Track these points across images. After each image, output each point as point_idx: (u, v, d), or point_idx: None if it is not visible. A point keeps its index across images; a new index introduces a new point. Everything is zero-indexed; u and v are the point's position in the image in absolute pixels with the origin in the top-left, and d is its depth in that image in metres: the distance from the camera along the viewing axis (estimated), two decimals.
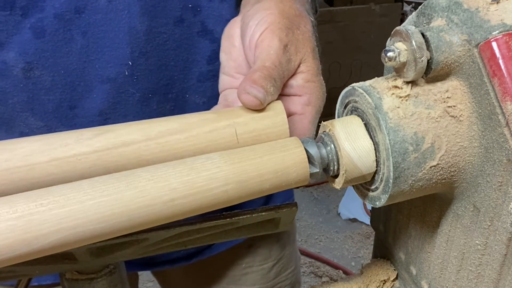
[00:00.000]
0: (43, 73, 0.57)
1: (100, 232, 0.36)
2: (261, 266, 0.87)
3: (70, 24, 0.56)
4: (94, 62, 0.58)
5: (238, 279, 0.87)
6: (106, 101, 0.60)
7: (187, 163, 0.39)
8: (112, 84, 0.59)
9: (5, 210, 0.33)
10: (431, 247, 0.46)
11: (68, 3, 0.55)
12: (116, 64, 0.59)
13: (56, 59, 0.57)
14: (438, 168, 0.38)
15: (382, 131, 0.38)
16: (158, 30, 0.60)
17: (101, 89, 0.59)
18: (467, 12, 0.37)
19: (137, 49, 0.59)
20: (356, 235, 2.21)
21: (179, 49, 0.62)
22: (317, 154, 0.40)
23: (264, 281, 0.89)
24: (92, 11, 0.56)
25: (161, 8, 0.59)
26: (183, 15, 0.61)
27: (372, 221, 0.56)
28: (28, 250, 0.34)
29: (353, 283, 0.56)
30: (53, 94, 0.58)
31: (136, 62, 0.59)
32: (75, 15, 0.56)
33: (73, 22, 0.56)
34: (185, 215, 0.38)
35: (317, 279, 2.04)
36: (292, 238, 0.93)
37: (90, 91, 0.59)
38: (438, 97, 0.38)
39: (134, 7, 0.57)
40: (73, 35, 0.57)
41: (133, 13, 0.57)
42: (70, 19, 0.56)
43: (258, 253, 0.85)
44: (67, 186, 0.36)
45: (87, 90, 0.59)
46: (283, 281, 0.91)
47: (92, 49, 0.58)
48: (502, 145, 0.35)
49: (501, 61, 0.35)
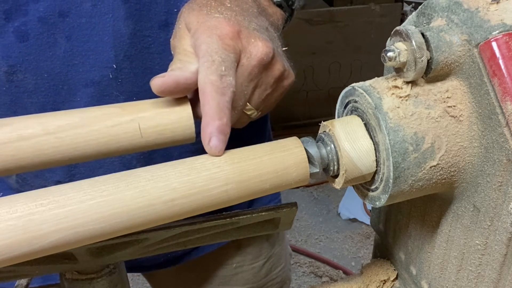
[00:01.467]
0: (26, 76, 0.57)
1: (100, 232, 0.36)
2: (252, 265, 0.87)
3: (54, 28, 0.56)
4: (78, 66, 0.58)
5: (229, 279, 0.87)
6: (90, 104, 0.59)
7: (187, 163, 0.39)
8: (96, 88, 0.59)
9: (5, 210, 0.33)
10: (431, 247, 0.46)
11: (52, 7, 0.55)
12: (100, 68, 0.59)
13: (39, 62, 0.57)
14: (438, 168, 0.38)
15: (382, 131, 0.38)
16: (143, 34, 0.60)
17: (85, 93, 0.59)
18: (467, 12, 0.37)
19: (121, 52, 0.59)
20: (356, 235, 2.21)
21: (164, 53, 0.62)
22: (317, 154, 0.40)
23: (255, 280, 0.89)
24: (76, 15, 0.56)
25: (146, 12, 0.59)
26: (168, 19, 0.60)
27: (372, 221, 0.56)
28: (28, 250, 0.34)
29: (353, 283, 0.56)
30: (36, 97, 0.58)
31: (120, 65, 0.59)
32: (59, 19, 0.56)
33: (57, 26, 0.56)
34: (185, 215, 0.38)
35: (317, 279, 2.04)
36: (282, 235, 0.94)
37: (74, 95, 0.59)
38: (438, 97, 0.38)
39: (119, 10, 0.57)
40: (57, 39, 0.56)
41: (118, 17, 0.57)
42: (54, 23, 0.56)
43: (248, 252, 0.86)
44: (67, 186, 0.36)
45: (70, 93, 0.59)
46: (274, 278, 0.92)
47: (76, 53, 0.58)
48: (502, 145, 0.35)
49: (501, 61, 0.35)
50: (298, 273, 2.07)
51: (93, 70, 0.59)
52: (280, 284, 0.94)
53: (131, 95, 0.62)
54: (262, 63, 0.47)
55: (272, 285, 0.92)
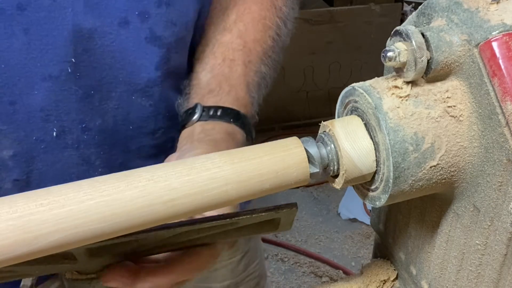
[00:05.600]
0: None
1: (100, 232, 0.36)
2: (230, 260, 0.88)
3: (11, 20, 0.56)
4: (36, 60, 0.58)
5: (207, 276, 0.87)
6: (47, 98, 0.60)
7: (187, 163, 0.39)
8: (54, 82, 0.59)
9: (5, 210, 0.33)
10: (431, 247, 0.46)
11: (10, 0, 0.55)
12: (59, 62, 0.59)
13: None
14: (438, 168, 0.38)
15: (382, 131, 0.38)
16: (104, 30, 0.60)
17: (43, 86, 0.59)
18: (467, 12, 0.37)
19: (80, 46, 0.59)
20: (356, 235, 2.21)
21: (125, 51, 0.62)
22: (317, 154, 0.40)
23: (234, 275, 0.89)
24: (35, 8, 0.56)
25: (104, 7, 0.59)
26: (128, 17, 0.61)
27: (372, 221, 0.56)
28: (28, 250, 0.34)
29: (353, 283, 0.56)
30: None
31: (79, 58, 0.59)
32: (17, 11, 0.55)
33: (14, 18, 0.56)
34: (185, 215, 0.38)
35: (317, 279, 2.04)
36: None
37: (31, 88, 0.59)
38: (438, 97, 0.38)
39: (78, 4, 0.57)
40: (14, 31, 0.56)
41: (78, 11, 0.57)
42: (11, 15, 0.55)
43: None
44: (67, 186, 0.36)
45: (28, 86, 0.59)
46: (252, 273, 0.93)
47: (34, 47, 0.57)
48: (502, 145, 0.35)
49: (501, 61, 0.35)
50: (298, 273, 2.07)
51: (51, 64, 0.58)
52: (257, 279, 0.95)
53: (89, 89, 0.62)
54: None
55: (250, 280, 0.93)
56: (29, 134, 0.61)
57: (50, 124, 0.61)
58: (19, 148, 0.61)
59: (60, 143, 0.63)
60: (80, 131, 0.63)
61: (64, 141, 0.63)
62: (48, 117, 0.61)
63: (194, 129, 0.62)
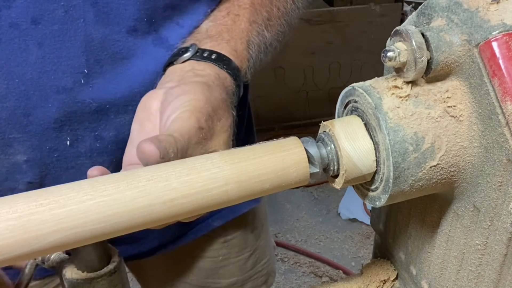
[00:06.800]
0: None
1: (100, 232, 0.36)
2: (238, 258, 0.88)
3: (26, 35, 0.56)
4: (50, 73, 0.58)
5: (215, 272, 0.87)
6: (61, 110, 0.60)
7: (187, 163, 0.39)
8: (67, 94, 0.59)
9: (5, 210, 0.33)
10: (431, 247, 0.46)
11: (24, 14, 0.55)
12: (72, 73, 0.59)
13: (10, 67, 0.57)
14: (438, 168, 0.38)
15: (382, 131, 0.38)
16: (113, 38, 0.60)
17: (57, 99, 0.59)
18: (467, 12, 0.37)
19: (92, 57, 0.59)
20: (356, 235, 2.21)
21: (133, 58, 0.62)
22: (317, 154, 0.40)
23: (242, 272, 0.90)
24: (48, 22, 0.56)
25: (113, 16, 0.59)
26: (137, 25, 0.60)
27: (372, 221, 0.56)
28: (28, 250, 0.34)
29: (353, 283, 0.56)
30: (7, 101, 0.58)
31: (91, 69, 0.59)
32: (31, 25, 0.56)
33: (29, 33, 0.56)
34: (185, 215, 0.38)
35: (317, 279, 2.04)
36: (266, 228, 0.95)
37: (45, 101, 0.59)
38: (438, 97, 0.38)
39: (89, 14, 0.57)
40: (28, 45, 0.56)
41: (89, 21, 0.57)
42: (25, 29, 0.56)
43: (234, 244, 0.86)
44: (67, 186, 0.36)
45: (42, 99, 0.59)
46: (260, 271, 0.93)
47: (48, 60, 0.58)
48: (502, 145, 0.35)
49: (501, 61, 0.35)
50: (298, 273, 2.07)
51: (65, 76, 0.59)
52: (265, 276, 0.95)
53: (104, 103, 0.61)
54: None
55: (258, 277, 0.93)
56: (43, 143, 0.61)
57: (64, 134, 0.62)
58: (33, 155, 0.62)
59: (74, 152, 0.63)
60: (93, 139, 0.64)
61: (77, 150, 0.63)
62: (61, 127, 0.61)
63: (183, 67, 0.57)
